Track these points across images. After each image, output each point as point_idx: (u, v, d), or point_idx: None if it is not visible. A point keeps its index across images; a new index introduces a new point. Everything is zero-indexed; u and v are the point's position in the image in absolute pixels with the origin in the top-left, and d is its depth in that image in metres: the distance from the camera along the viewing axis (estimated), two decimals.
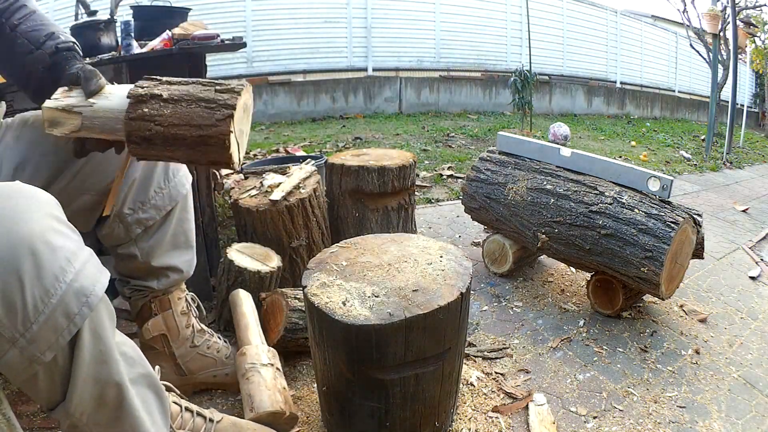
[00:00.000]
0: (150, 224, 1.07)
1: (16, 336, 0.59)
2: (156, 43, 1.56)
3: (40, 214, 0.63)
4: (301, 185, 1.78)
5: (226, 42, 1.65)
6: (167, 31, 1.59)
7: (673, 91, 9.73)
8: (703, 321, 1.76)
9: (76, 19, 2.36)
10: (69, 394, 0.67)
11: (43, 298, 0.60)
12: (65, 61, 0.89)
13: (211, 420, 0.97)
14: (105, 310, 0.70)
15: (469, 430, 1.18)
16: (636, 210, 1.56)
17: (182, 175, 1.11)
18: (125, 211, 1.04)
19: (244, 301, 1.35)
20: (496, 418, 1.23)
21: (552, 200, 1.72)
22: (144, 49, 1.58)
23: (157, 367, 0.89)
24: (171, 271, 1.14)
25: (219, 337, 1.27)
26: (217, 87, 0.84)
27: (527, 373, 1.42)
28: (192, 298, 1.24)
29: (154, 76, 0.86)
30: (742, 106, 7.29)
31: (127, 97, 0.81)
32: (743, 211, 3.24)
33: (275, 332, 1.36)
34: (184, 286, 1.22)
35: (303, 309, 1.35)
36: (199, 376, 1.23)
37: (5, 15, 0.90)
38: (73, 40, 0.94)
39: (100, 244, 1.10)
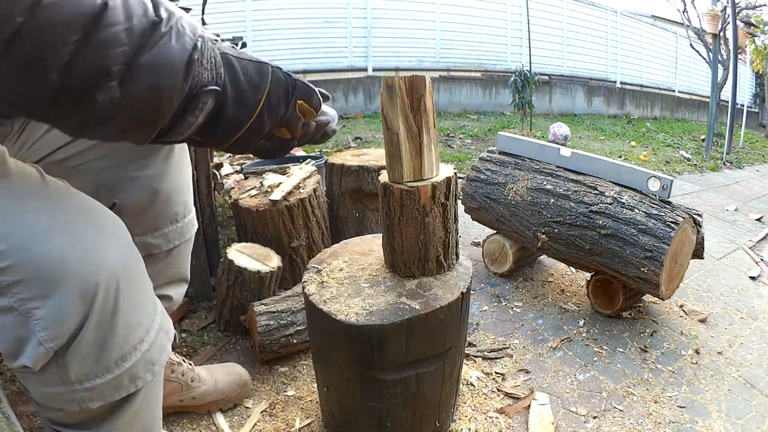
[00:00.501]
0: (154, 252, 1.01)
1: (71, 378, 0.61)
2: None
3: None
4: (301, 185, 1.78)
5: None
6: None
7: (673, 91, 9.73)
8: (703, 321, 1.76)
9: None
10: None
11: (117, 362, 0.63)
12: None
13: None
14: (161, 373, 0.72)
15: (469, 430, 1.18)
16: (636, 210, 1.56)
17: (193, 215, 1.07)
18: (135, 230, 1.00)
19: None
20: (496, 418, 1.23)
21: (552, 200, 1.72)
22: None
23: None
24: (162, 299, 1.08)
25: (183, 361, 1.24)
26: None
27: (527, 373, 1.43)
28: None
29: None
30: (742, 106, 7.30)
31: None
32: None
33: (255, 340, 1.39)
34: None
35: (272, 311, 1.38)
36: (164, 401, 1.21)
37: None
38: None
39: None
